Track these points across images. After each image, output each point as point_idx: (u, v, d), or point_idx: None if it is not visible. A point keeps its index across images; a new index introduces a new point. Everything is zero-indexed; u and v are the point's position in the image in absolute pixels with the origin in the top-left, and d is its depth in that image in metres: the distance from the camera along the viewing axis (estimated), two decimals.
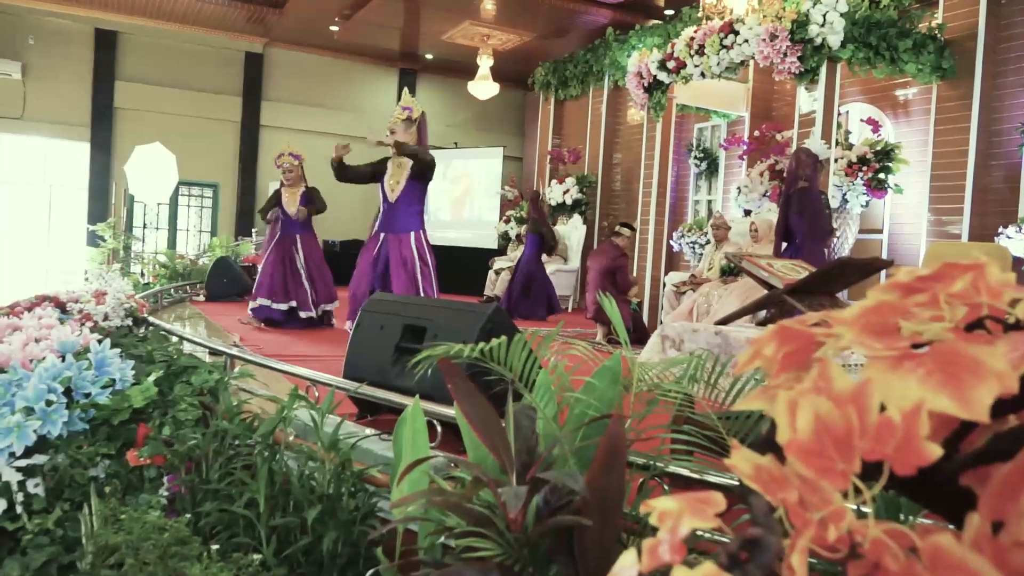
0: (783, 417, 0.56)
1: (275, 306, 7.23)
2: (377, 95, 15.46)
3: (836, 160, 7.42)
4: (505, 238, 13.04)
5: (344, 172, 5.47)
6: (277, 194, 7.61)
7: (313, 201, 7.46)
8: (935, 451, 0.50)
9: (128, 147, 12.49)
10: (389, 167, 5.46)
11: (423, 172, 5.26)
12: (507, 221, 12.93)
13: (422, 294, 5.22)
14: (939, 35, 7.47)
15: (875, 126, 7.89)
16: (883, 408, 0.53)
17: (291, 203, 7.47)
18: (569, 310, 11.39)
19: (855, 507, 0.55)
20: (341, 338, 5.88)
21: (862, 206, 7.67)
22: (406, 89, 5.68)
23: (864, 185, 7.55)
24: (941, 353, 0.53)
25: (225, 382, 2.88)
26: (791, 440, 0.55)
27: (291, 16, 12.87)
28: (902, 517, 1.17)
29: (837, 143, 7.50)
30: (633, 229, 7.66)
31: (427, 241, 5.29)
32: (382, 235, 5.31)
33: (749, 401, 0.67)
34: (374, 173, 5.52)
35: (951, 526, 0.58)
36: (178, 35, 13.70)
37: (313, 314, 7.24)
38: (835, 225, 7.17)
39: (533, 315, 9.48)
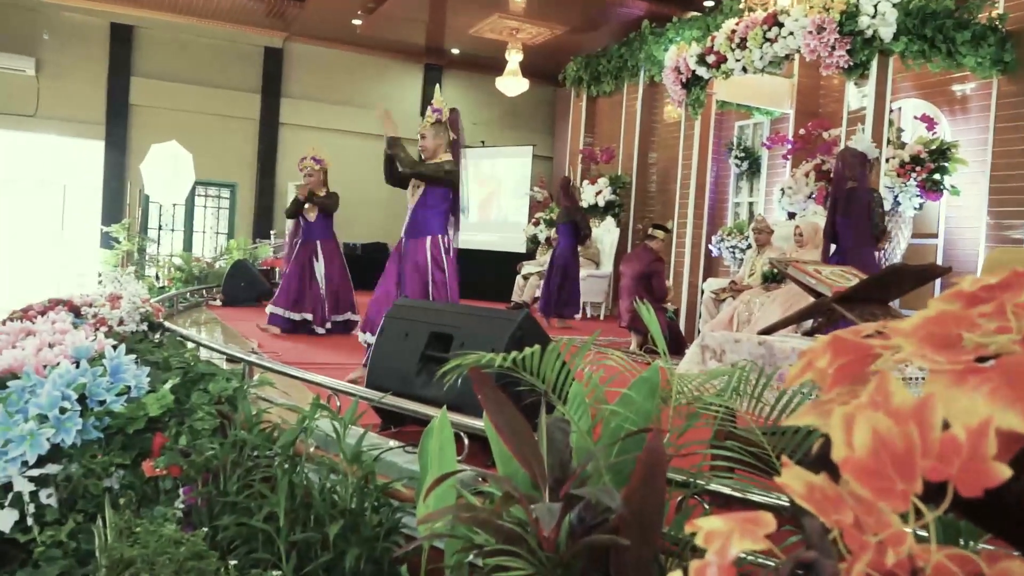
0: (839, 433, 0.56)
1: (288, 315, 7.35)
2: (401, 91, 15.56)
3: (887, 160, 7.34)
4: (534, 241, 13.05)
5: (395, 168, 5.49)
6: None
7: (321, 200, 7.56)
8: (1003, 471, 0.50)
9: (144, 145, 12.69)
10: None
11: (436, 183, 5.30)
12: (536, 223, 12.94)
13: (428, 292, 5.24)
14: (1000, 26, 7.37)
15: (930, 123, 7.80)
16: (946, 425, 0.53)
17: (311, 210, 7.62)
18: (601, 317, 11.37)
19: (913, 530, 0.54)
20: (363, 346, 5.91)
21: (915, 209, 7.57)
22: (438, 87, 5.69)
23: (918, 186, 7.46)
24: (1009, 367, 0.53)
25: (244, 390, 2.91)
26: (847, 458, 0.55)
27: (312, 9, 13.01)
28: (961, 542, 1.15)
29: (889, 142, 7.42)
30: (667, 231, 7.64)
31: (446, 247, 5.29)
32: (403, 240, 5.36)
33: (800, 416, 0.66)
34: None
35: (1017, 552, 0.57)
36: (195, 29, 13.90)
37: (322, 330, 7.33)
38: (888, 227, 7.09)
39: (568, 313, 9.48)
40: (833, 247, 6.08)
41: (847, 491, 0.56)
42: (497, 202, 14.04)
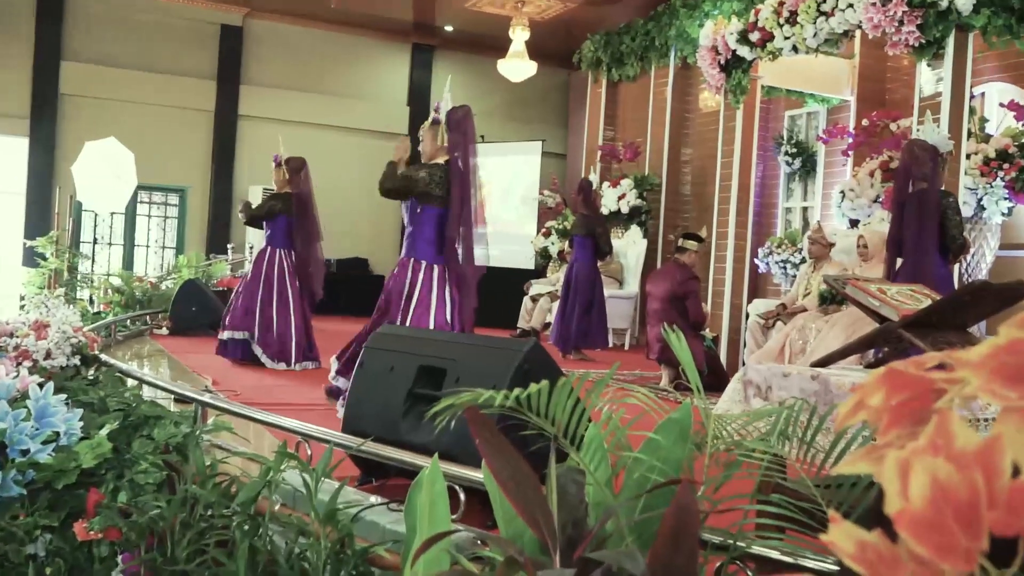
0: (893, 483, 0.58)
1: (231, 335, 7.50)
2: (385, 77, 15.67)
3: (969, 156, 7.36)
4: (544, 256, 13.09)
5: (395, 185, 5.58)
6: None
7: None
8: None
9: (76, 143, 12.76)
10: None
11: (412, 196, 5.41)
12: (547, 234, 12.98)
13: (431, 323, 5.27)
14: None
15: (1019, 112, 7.82)
16: (1017, 472, 0.54)
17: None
18: (626, 347, 11.37)
19: None
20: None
21: (1003, 214, 7.58)
22: (449, 80, 5.76)
23: (1005, 187, 7.47)
24: None
25: (196, 436, 2.93)
26: (902, 511, 0.56)
27: None
28: None
29: (970, 134, 7.45)
30: (701, 240, 7.65)
31: (439, 275, 5.38)
32: (407, 261, 5.46)
33: (851, 463, 0.68)
34: None
35: None
36: (138, 4, 14.03)
37: (269, 360, 7.45)
38: (968, 237, 7.10)
39: (597, 342, 9.51)
40: (900, 261, 6.09)
41: (904, 550, 0.57)
42: (500, 209, 14.08)
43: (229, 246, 13.71)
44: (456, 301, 5.37)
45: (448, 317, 5.33)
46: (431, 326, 5.24)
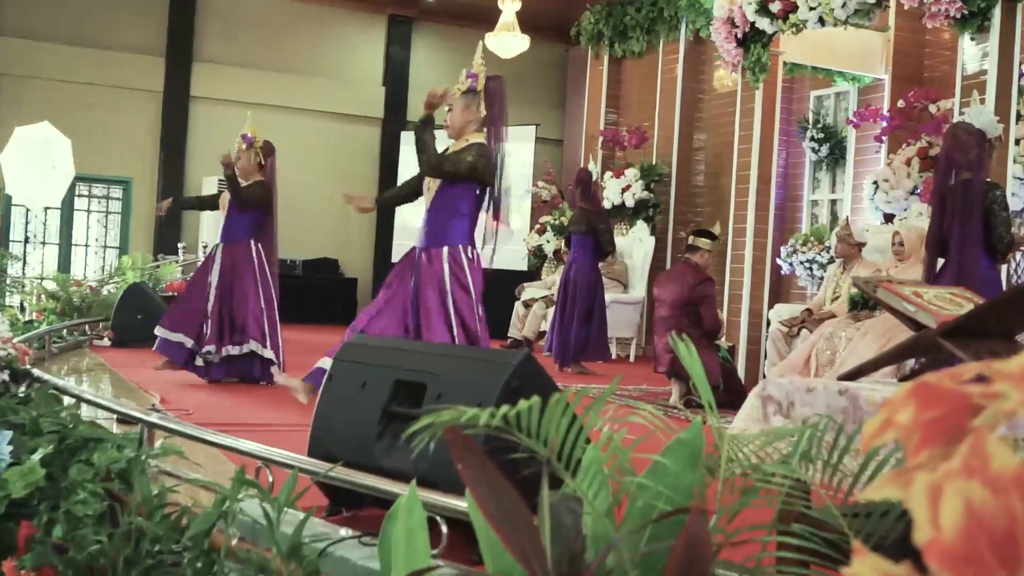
0: (922, 509, 0.59)
1: (171, 337, 7.42)
2: (358, 54, 15.67)
3: (1017, 142, 7.39)
4: (538, 255, 13.10)
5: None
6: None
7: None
8: None
9: (4, 128, 12.72)
10: None
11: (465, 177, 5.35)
12: (541, 231, 12.99)
13: (455, 332, 5.24)
14: None
15: None
16: None
17: (224, 202, 8.03)
18: (631, 359, 11.38)
19: None
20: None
21: None
22: (481, 45, 5.75)
23: None
24: None
25: (142, 462, 2.92)
26: (933, 540, 0.57)
27: None
28: None
29: (1019, 116, 7.48)
30: (716, 238, 7.66)
31: (469, 260, 5.34)
32: (416, 251, 5.42)
33: (878, 488, 0.69)
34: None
35: None
36: None
37: (212, 354, 7.34)
38: (1016, 234, 7.12)
39: (598, 354, 9.53)
40: (941, 261, 6.10)
41: None
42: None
43: (180, 246, 13.68)
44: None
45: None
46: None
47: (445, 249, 5.30)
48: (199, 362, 7.42)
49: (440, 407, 1.80)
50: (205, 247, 13.20)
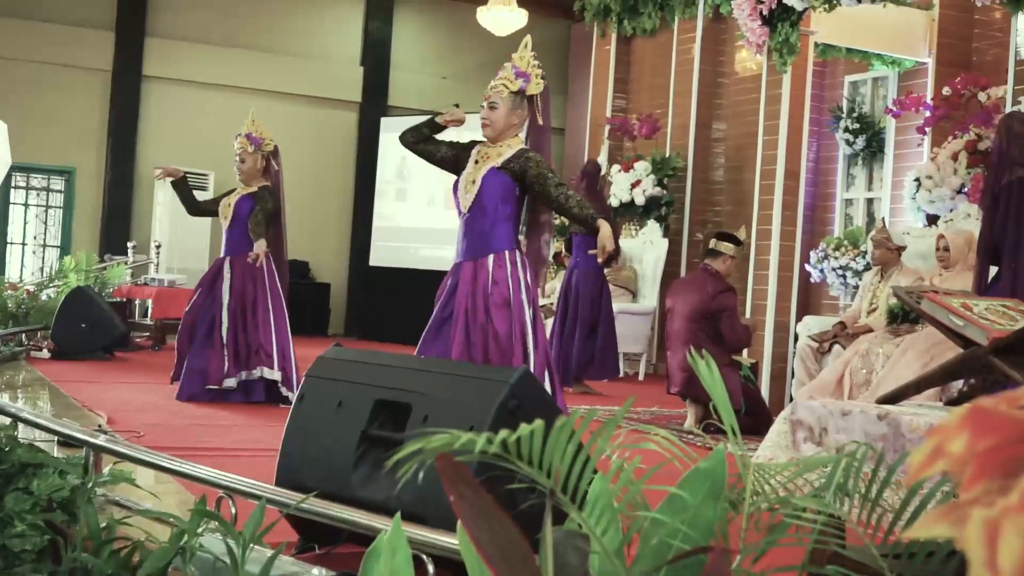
0: (978, 549, 0.59)
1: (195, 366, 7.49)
2: (333, 30, 15.66)
3: None
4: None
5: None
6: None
7: (255, 207, 7.74)
8: None
9: None
10: (472, 157, 5.52)
11: (525, 174, 5.37)
12: None
13: (530, 355, 5.21)
14: None
15: None
16: None
17: (226, 210, 7.92)
18: (641, 377, 11.38)
19: None
20: (277, 419, 5.92)
21: None
22: (528, 38, 5.75)
23: None
24: None
25: (87, 490, 2.92)
26: None
27: None
28: None
29: None
30: (739, 243, 7.65)
31: (523, 266, 5.35)
32: (461, 264, 5.42)
33: (927, 525, 0.69)
34: (456, 160, 5.58)
35: None
36: None
37: (233, 383, 7.40)
38: None
39: (604, 371, 9.51)
40: (993, 269, 6.10)
41: None
42: None
43: (130, 245, 13.64)
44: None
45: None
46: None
47: (492, 257, 5.34)
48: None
49: (427, 431, 1.81)
50: (158, 246, 13.19)
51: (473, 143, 5.57)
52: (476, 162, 5.43)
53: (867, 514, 1.82)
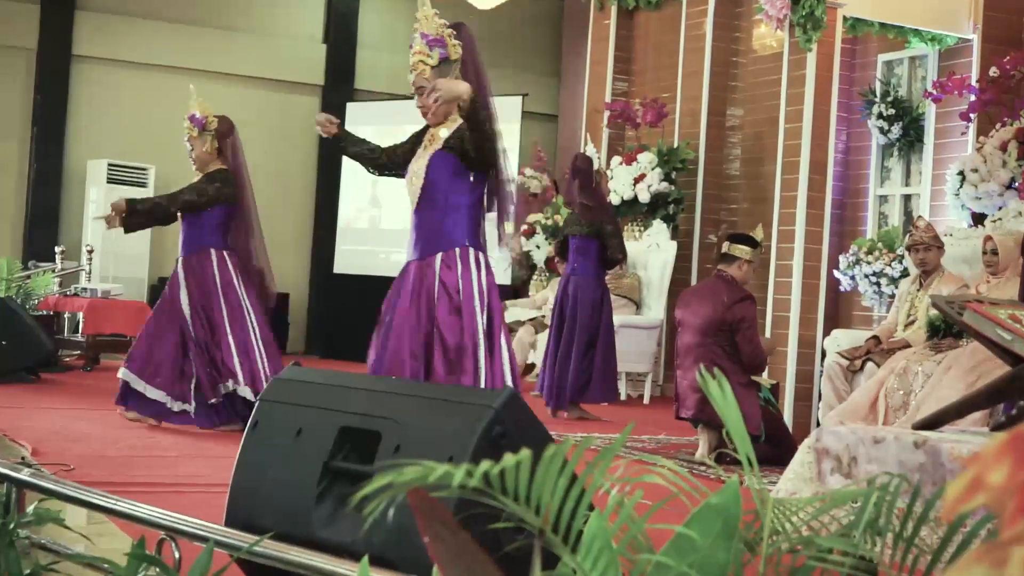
0: None
1: (147, 392, 7.50)
2: (289, 3, 15.68)
3: None
4: (526, 265, 13.09)
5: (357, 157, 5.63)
6: None
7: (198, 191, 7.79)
8: None
9: None
10: (423, 144, 5.56)
11: (473, 149, 5.35)
12: (530, 233, 12.99)
13: (481, 371, 5.22)
14: None
15: None
16: None
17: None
18: (646, 400, 11.38)
19: None
20: (228, 449, 5.92)
21: None
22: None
23: None
24: None
25: (9, 531, 2.92)
26: None
27: None
28: None
29: None
30: (756, 245, 7.65)
31: (479, 265, 5.35)
32: (408, 264, 5.44)
33: (965, 567, 0.70)
34: (410, 152, 5.62)
35: None
36: None
37: (213, 400, 7.48)
38: None
39: (603, 394, 9.52)
40: None
41: None
42: None
43: (58, 250, 13.57)
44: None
45: None
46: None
47: (440, 256, 5.36)
48: (176, 408, 7.50)
49: (399, 462, 1.81)
50: (91, 251, 13.15)
51: (426, 128, 5.59)
52: (425, 147, 5.46)
53: (901, 555, 1.83)
